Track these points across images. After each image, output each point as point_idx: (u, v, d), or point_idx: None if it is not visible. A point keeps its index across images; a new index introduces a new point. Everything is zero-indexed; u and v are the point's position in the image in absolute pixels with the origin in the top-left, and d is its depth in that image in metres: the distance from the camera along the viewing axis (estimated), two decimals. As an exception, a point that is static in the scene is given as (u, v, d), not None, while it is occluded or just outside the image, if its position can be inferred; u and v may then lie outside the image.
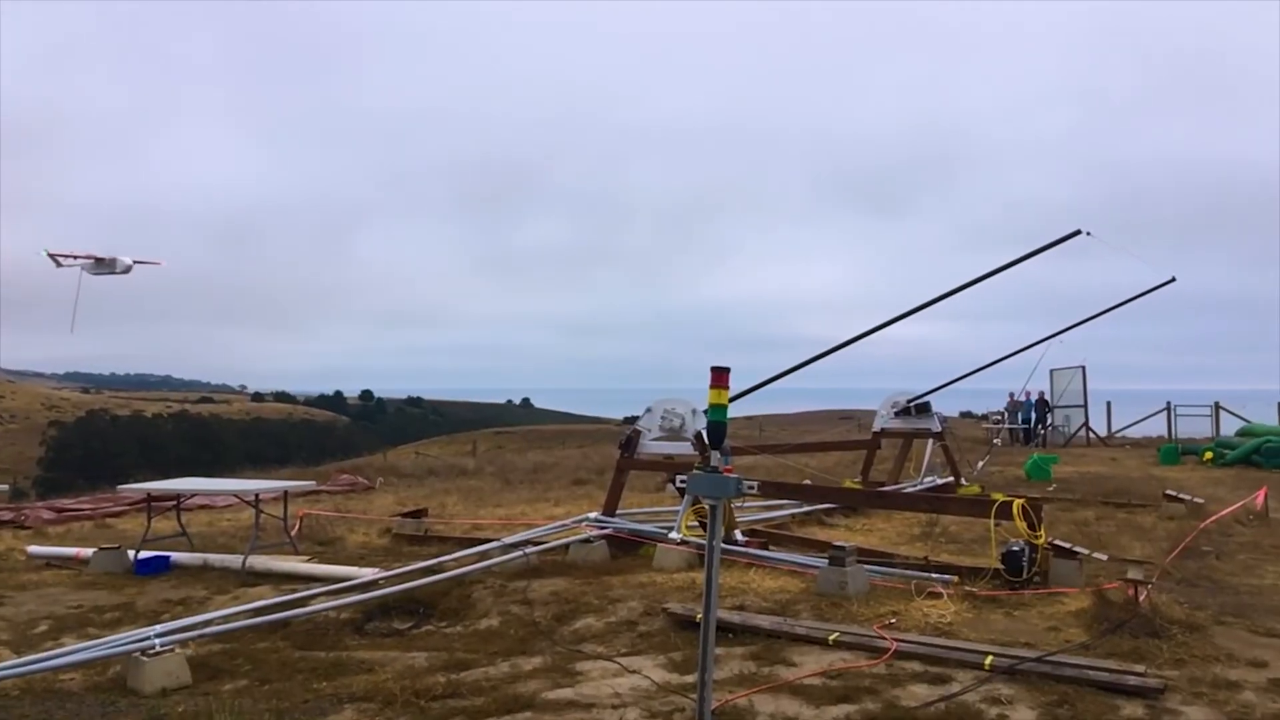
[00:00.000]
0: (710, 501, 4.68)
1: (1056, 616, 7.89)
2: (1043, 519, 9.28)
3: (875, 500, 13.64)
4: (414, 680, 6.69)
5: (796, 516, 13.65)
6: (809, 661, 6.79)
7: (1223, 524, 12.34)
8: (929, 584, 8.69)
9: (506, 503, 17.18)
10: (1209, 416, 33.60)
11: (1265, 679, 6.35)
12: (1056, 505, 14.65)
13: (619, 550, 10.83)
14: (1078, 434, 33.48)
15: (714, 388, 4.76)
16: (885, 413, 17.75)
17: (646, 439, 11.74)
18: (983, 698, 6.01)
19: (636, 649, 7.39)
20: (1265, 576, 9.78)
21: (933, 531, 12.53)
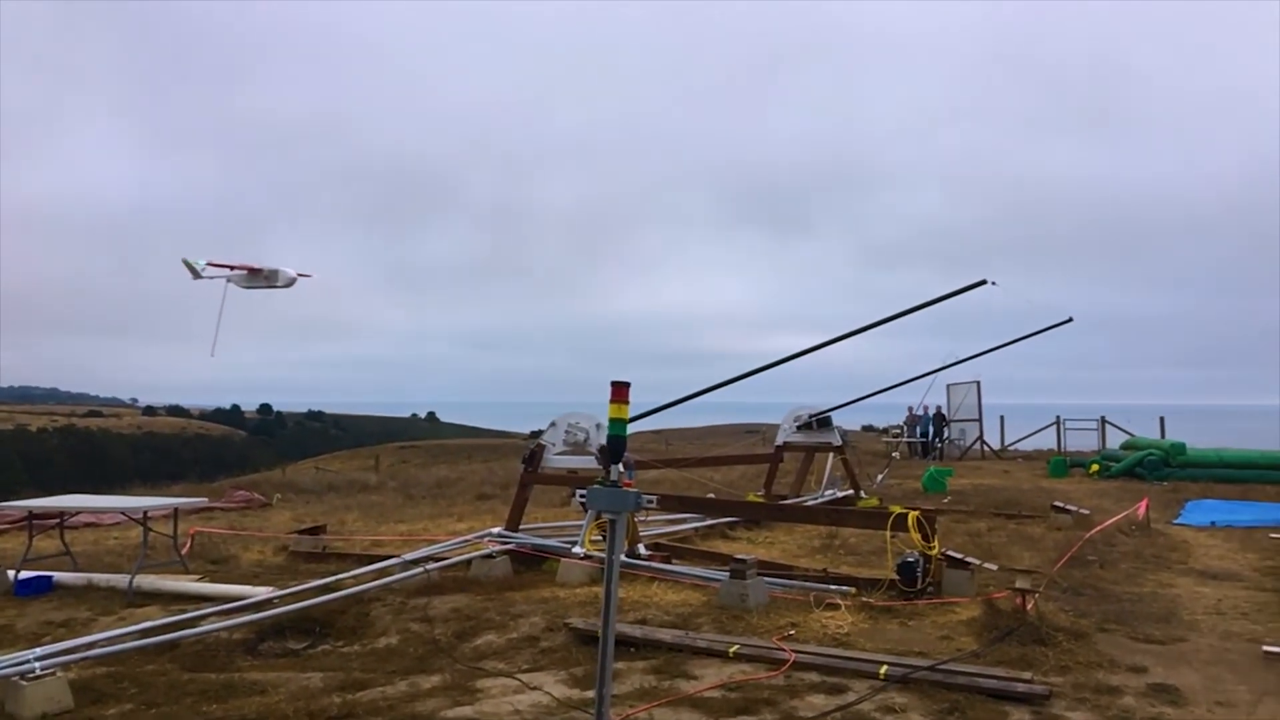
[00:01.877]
0: (610, 516, 4.68)
1: (949, 625, 8.10)
2: (936, 530, 9.52)
3: (776, 513, 13.82)
4: (308, 701, 6.55)
5: (700, 530, 13.75)
6: (709, 674, 6.84)
7: (1107, 534, 12.81)
8: (827, 595, 8.83)
9: (409, 519, 16.92)
10: (1096, 430, 34.86)
11: (1145, 684, 6.61)
12: (951, 517, 15.04)
13: (522, 565, 10.77)
14: (973, 447, 34.38)
15: (614, 402, 4.78)
16: (788, 427, 17.99)
17: (550, 453, 11.71)
18: (877, 706, 6.14)
19: (538, 665, 7.35)
20: (1145, 585, 10.19)
21: (832, 544, 12.74)
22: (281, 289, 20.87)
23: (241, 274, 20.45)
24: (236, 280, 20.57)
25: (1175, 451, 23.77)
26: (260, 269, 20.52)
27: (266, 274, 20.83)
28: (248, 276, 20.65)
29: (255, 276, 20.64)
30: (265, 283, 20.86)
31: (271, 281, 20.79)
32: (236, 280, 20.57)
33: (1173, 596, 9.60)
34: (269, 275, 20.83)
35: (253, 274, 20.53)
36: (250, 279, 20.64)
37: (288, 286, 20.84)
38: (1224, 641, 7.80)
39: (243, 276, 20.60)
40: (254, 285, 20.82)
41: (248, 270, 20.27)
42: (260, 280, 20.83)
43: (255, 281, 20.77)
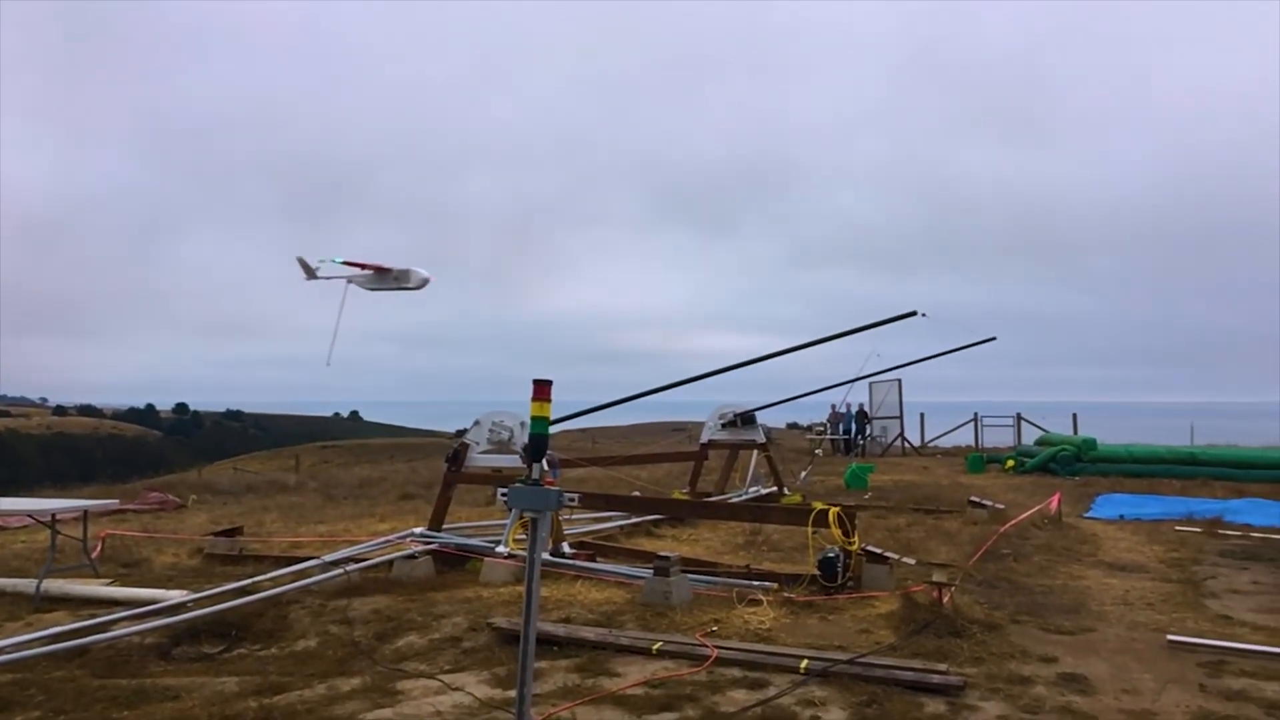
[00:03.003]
0: (532, 514, 4.67)
1: (868, 619, 8.23)
2: (857, 526, 9.68)
3: (701, 510, 13.92)
4: (223, 706, 6.42)
5: (625, 528, 13.78)
6: (633, 672, 6.86)
7: (1021, 528, 13.13)
8: (750, 591, 8.91)
9: (329, 519, 16.65)
10: (1012, 427, 35.78)
11: (1055, 673, 6.79)
12: (871, 513, 15.30)
13: (445, 566, 10.68)
14: (894, 444, 35.04)
15: (536, 400, 4.77)
16: (713, 425, 18.12)
17: (474, 452, 11.63)
18: (798, 700, 6.21)
19: (460, 666, 7.30)
20: (1057, 577, 10.47)
21: (756, 540, 12.86)
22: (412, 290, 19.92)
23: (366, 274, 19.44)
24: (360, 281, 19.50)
25: (1087, 447, 24.49)
26: (389, 269, 19.52)
27: (396, 274, 19.72)
28: (373, 277, 19.60)
29: (383, 277, 19.54)
30: (394, 284, 19.72)
31: (401, 283, 19.69)
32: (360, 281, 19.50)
33: (1082, 588, 9.88)
34: (399, 276, 19.73)
35: (380, 274, 19.49)
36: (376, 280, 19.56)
37: (419, 288, 19.83)
38: (1130, 631, 8.05)
39: (368, 277, 19.56)
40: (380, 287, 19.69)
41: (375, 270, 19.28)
42: (389, 281, 19.69)
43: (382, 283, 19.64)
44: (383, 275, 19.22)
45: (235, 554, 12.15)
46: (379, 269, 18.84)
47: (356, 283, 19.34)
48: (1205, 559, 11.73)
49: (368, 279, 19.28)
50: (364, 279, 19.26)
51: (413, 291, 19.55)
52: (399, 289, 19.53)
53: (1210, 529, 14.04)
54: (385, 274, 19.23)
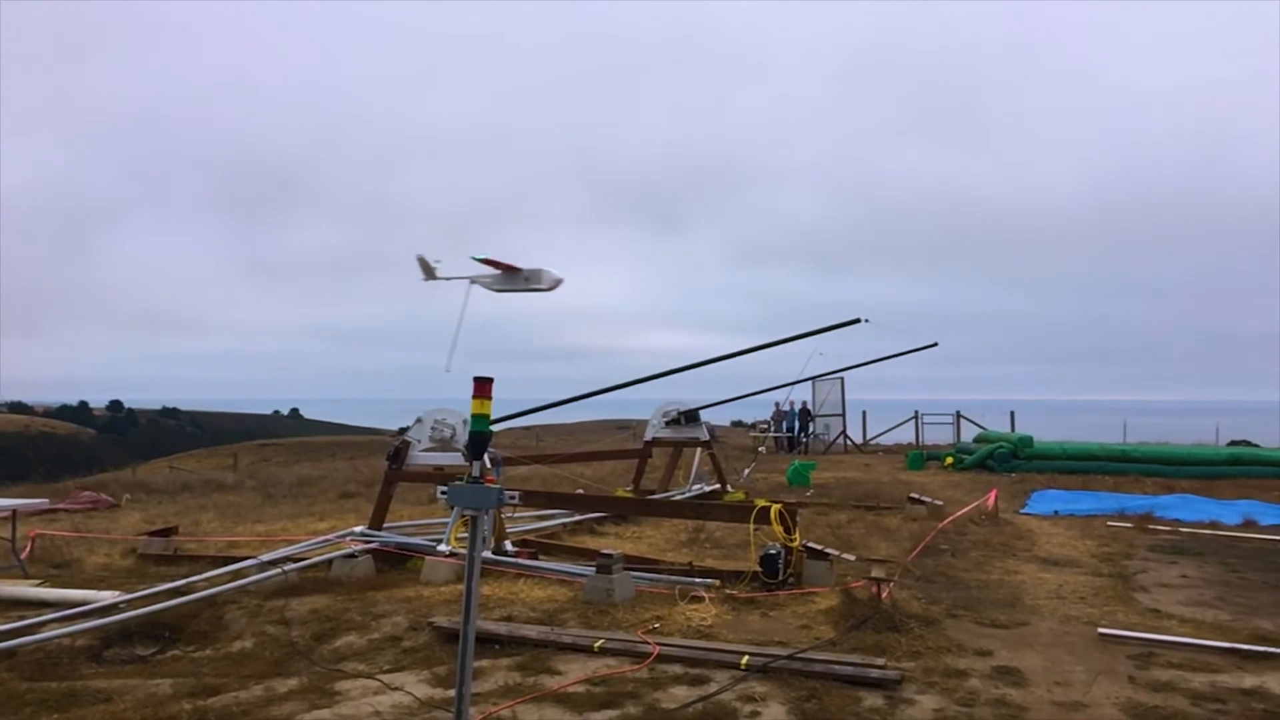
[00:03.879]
0: (472, 513, 4.65)
1: (808, 615, 8.31)
2: (798, 523, 9.77)
3: (644, 508, 13.96)
4: (156, 709, 6.31)
5: (568, 525, 13.76)
6: (574, 669, 6.86)
7: (959, 524, 13.35)
8: (692, 588, 8.95)
9: (268, 519, 16.41)
10: (951, 424, 36.31)
11: (990, 666, 6.92)
12: (813, 509, 15.43)
13: (385, 565, 10.58)
14: (836, 441, 35.37)
15: (477, 398, 4.75)
16: (656, 422, 18.14)
17: (416, 450, 11.53)
18: (738, 696, 6.26)
19: (400, 665, 7.24)
20: (993, 572, 10.65)
21: (699, 537, 12.92)
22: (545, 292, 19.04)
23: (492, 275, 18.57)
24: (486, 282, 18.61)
25: (1023, 444, 24.91)
26: (519, 269, 18.61)
27: (527, 275, 18.75)
28: (500, 278, 18.70)
29: (512, 278, 18.64)
30: (524, 285, 18.79)
31: (532, 284, 18.74)
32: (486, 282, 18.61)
33: (1017, 583, 10.06)
34: (530, 276, 18.77)
35: (509, 275, 18.59)
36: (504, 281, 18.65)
37: (551, 289, 19.00)
38: (1063, 625, 8.22)
39: (494, 278, 18.68)
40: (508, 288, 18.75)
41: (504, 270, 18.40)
42: (518, 282, 18.72)
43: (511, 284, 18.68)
44: (512, 276, 18.52)
45: (170, 554, 11.92)
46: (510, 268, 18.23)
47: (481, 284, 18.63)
48: (1136, 553, 12.00)
49: (494, 280, 18.58)
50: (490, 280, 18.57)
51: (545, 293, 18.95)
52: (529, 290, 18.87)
53: (1141, 524, 14.37)
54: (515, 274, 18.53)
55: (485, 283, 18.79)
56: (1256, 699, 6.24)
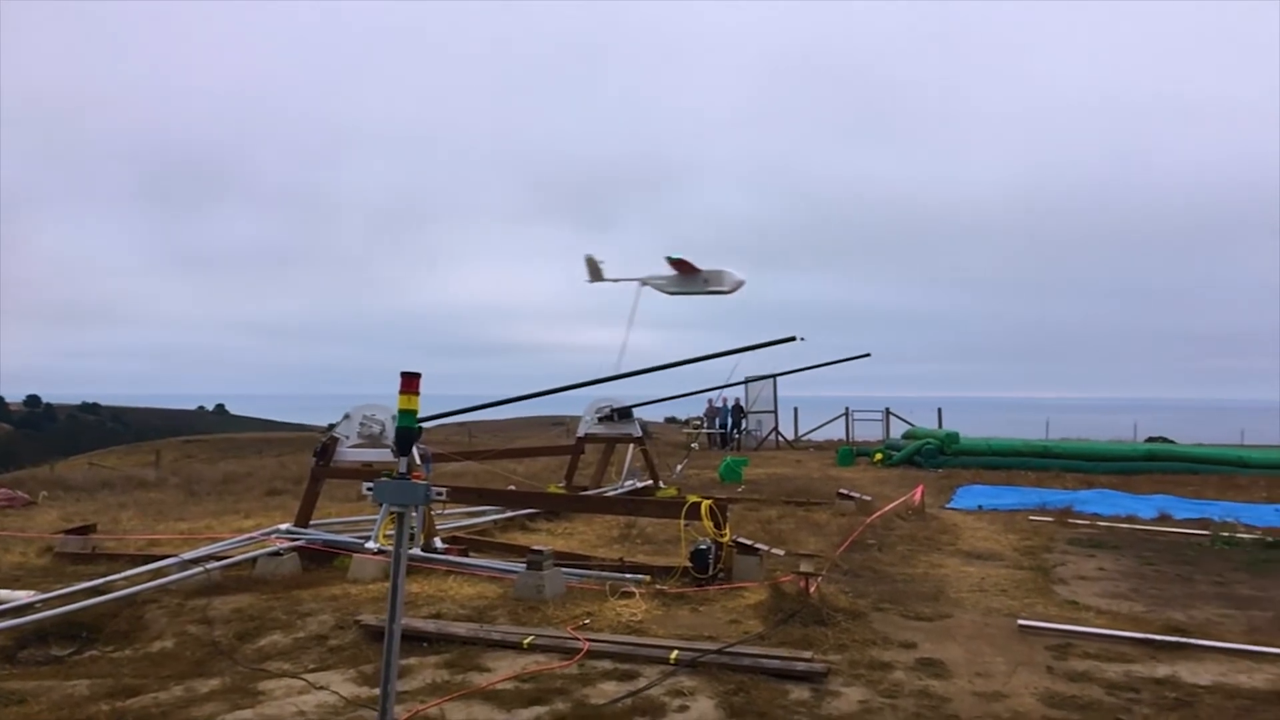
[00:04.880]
0: (398, 509, 4.61)
1: (738, 610, 8.38)
2: (729, 518, 9.83)
3: (576, 504, 13.93)
4: (73, 710, 6.17)
5: (500, 522, 13.68)
6: (503, 666, 6.83)
7: (886, 519, 13.54)
8: (623, 584, 8.97)
9: (191, 516, 16.06)
10: (881, 421, 36.82)
11: (913, 659, 7.04)
12: (744, 505, 15.54)
13: (312, 563, 10.43)
14: (768, 438, 35.68)
15: (404, 393, 4.71)
16: (589, 418, 18.10)
17: (344, 446, 11.38)
18: (667, 691, 6.29)
19: (326, 664, 7.15)
20: (918, 566, 10.84)
21: (630, 533, 12.94)
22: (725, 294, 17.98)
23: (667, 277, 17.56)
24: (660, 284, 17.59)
25: (950, 440, 25.38)
26: (698, 270, 17.53)
27: (706, 276, 17.68)
28: (676, 279, 17.64)
29: (689, 279, 17.60)
30: (703, 287, 17.76)
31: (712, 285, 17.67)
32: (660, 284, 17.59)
33: (942, 576, 10.25)
34: (709, 278, 17.69)
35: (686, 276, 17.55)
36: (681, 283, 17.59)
37: (733, 291, 17.96)
38: (985, 617, 8.39)
39: (668, 279, 17.63)
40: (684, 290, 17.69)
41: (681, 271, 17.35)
42: (696, 284, 17.68)
43: (688, 285, 17.65)
44: (690, 278, 17.64)
45: (88, 552, 11.62)
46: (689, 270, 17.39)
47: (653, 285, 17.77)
48: (1056, 547, 12.29)
49: (668, 281, 17.66)
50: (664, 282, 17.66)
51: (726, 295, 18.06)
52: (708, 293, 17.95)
53: (1061, 518, 14.73)
54: (693, 276, 17.65)
55: (658, 285, 18.04)
56: (1169, 688, 6.44)
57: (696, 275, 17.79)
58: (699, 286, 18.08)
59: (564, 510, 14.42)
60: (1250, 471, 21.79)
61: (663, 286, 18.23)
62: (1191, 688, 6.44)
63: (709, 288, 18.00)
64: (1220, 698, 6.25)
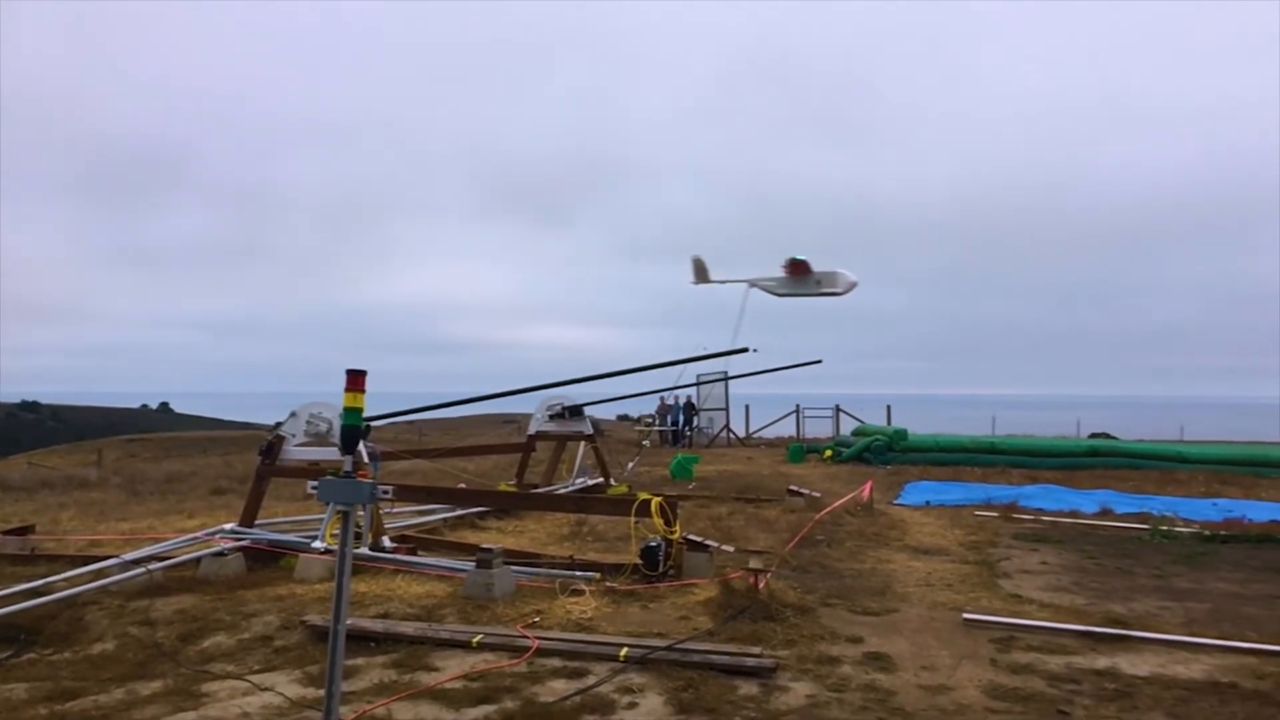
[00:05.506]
0: (343, 507, 4.56)
1: (687, 606, 8.40)
2: (679, 515, 9.86)
3: (526, 502, 13.89)
4: (11, 714, 6.04)
5: (449, 520, 13.60)
6: (452, 665, 6.79)
7: (835, 515, 13.66)
8: (573, 582, 8.96)
9: (133, 517, 15.77)
10: (831, 418, 37.13)
11: (861, 653, 7.11)
12: (695, 502, 15.60)
13: (257, 563, 10.29)
14: (720, 435, 35.83)
15: (349, 391, 4.66)
16: (540, 416, 18.05)
17: (291, 445, 11.24)
18: (616, 688, 6.29)
19: (271, 665, 7.06)
20: (866, 561, 10.95)
21: (581, 531, 12.92)
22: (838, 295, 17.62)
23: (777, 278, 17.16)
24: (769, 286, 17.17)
25: (898, 437, 25.67)
26: (810, 272, 17.16)
27: (819, 277, 17.35)
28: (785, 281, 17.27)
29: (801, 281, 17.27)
30: (815, 288, 17.44)
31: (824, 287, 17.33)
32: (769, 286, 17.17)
33: (889, 571, 10.37)
34: (821, 279, 17.36)
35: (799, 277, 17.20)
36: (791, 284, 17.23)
37: (846, 292, 17.61)
38: (931, 611, 8.50)
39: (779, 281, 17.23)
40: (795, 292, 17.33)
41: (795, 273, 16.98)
42: (808, 285, 17.38)
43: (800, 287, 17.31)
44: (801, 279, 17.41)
45: (26, 553, 11.35)
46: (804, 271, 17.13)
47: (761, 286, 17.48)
48: (1001, 542, 12.49)
49: (778, 283, 17.40)
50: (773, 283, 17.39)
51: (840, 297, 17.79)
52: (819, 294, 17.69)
53: (1006, 513, 14.97)
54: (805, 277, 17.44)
55: (767, 286, 17.83)
56: (1109, 679, 6.56)
57: (809, 277, 17.84)
58: (811, 288, 18.12)
59: (514, 508, 14.37)
60: (1189, 467, 22.30)
61: (772, 288, 18.23)
62: (1130, 679, 6.57)
63: (821, 289, 18.03)
64: (1158, 688, 6.38)
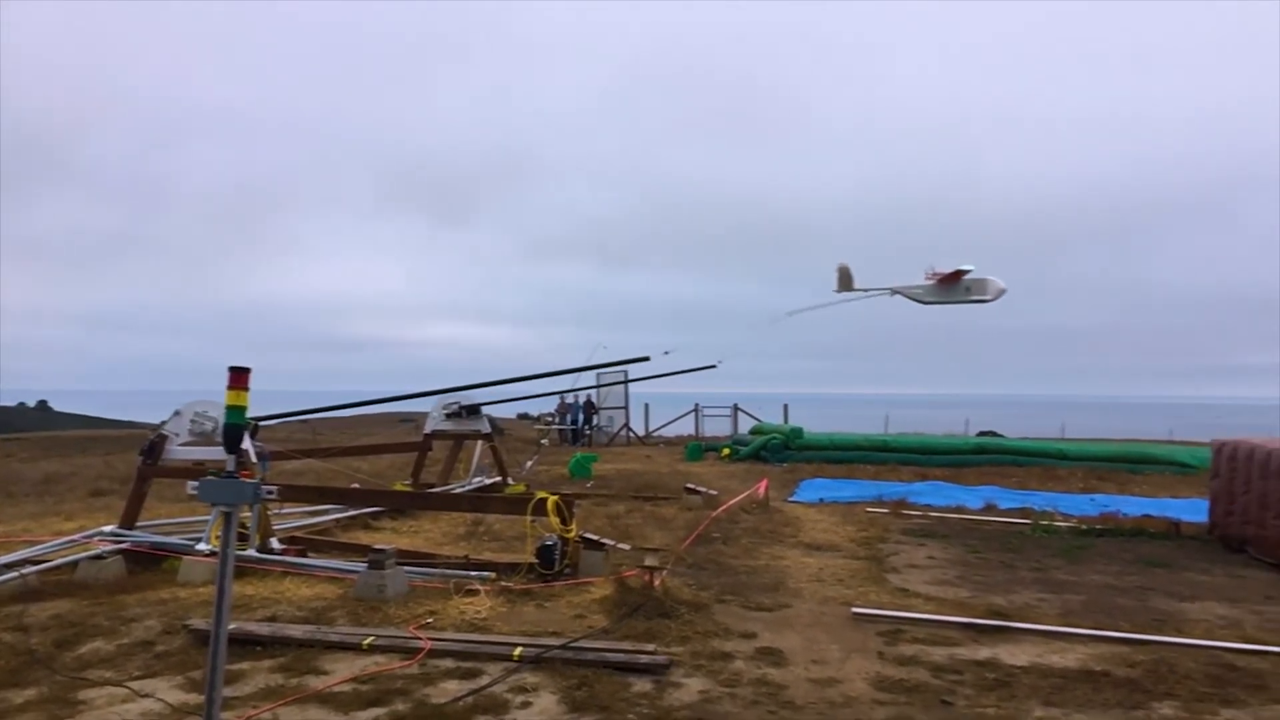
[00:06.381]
0: (225, 509, 4.45)
1: (583, 605, 8.41)
2: (575, 514, 9.86)
3: (421, 502, 13.71)
4: None
5: (342, 521, 13.34)
6: (341, 668, 6.68)
7: (731, 513, 13.84)
8: (468, 582, 8.89)
9: (7, 519, 15.07)
10: (729, 417, 37.51)
11: (753, 648, 7.22)
12: (593, 500, 15.63)
13: (139, 566, 9.95)
14: (619, 434, 35.90)
15: (232, 389, 4.54)
16: (437, 415, 17.83)
17: (174, 444, 10.89)
18: (510, 688, 6.27)
19: (153, 671, 6.83)
20: (760, 558, 11.11)
21: (477, 530, 12.83)
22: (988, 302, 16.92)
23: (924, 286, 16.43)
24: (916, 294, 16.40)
25: (794, 436, 26.09)
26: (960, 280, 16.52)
27: (968, 285, 16.70)
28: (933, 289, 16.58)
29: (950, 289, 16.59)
30: (964, 295, 16.78)
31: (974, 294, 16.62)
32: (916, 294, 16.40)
33: (783, 567, 10.54)
34: (971, 286, 16.70)
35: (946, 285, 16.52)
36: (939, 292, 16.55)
37: (995, 299, 16.94)
38: (822, 606, 8.68)
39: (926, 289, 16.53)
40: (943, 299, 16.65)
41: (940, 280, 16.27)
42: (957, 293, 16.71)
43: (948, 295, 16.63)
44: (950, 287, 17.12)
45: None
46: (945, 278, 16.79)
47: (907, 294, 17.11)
48: (890, 537, 12.81)
49: (925, 290, 17.10)
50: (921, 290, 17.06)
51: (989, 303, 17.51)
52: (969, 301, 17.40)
53: (896, 509, 15.35)
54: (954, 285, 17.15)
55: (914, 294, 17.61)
56: (989, 669, 6.80)
57: (958, 284, 18.00)
58: (960, 295, 18.26)
59: (409, 508, 14.18)
60: (1069, 463, 23.18)
61: (919, 296, 18.31)
62: (1010, 669, 6.81)
63: (971, 296, 18.18)
64: (1035, 677, 6.63)
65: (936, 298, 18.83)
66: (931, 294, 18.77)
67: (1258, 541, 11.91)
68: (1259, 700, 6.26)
